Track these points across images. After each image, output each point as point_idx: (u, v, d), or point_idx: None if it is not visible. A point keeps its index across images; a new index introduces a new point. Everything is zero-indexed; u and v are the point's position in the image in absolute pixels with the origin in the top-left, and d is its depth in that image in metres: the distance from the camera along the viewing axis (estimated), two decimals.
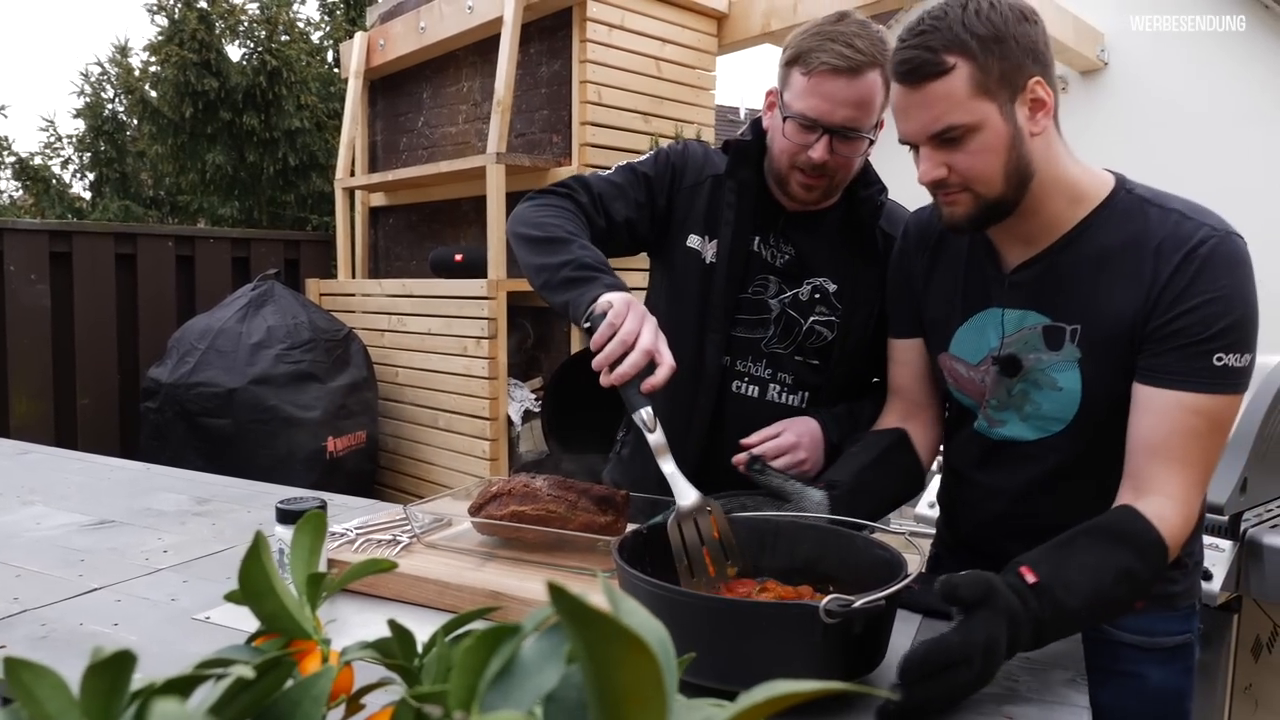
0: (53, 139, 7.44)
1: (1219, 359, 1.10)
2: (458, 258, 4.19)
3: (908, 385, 1.45)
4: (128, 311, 4.87)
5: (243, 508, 1.76)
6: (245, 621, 1.15)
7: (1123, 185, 1.23)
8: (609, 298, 1.27)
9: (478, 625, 0.50)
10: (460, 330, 4.06)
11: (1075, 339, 1.20)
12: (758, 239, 1.58)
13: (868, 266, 1.56)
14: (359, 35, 5.07)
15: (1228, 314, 1.10)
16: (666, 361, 1.21)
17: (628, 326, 1.21)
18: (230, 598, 0.50)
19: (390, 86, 5.11)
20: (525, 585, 1.20)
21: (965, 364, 1.33)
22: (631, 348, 1.20)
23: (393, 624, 0.46)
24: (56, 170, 7.45)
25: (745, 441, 1.46)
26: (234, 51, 6.83)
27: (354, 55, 5.03)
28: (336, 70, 7.30)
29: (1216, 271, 1.11)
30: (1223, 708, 2.02)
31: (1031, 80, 1.13)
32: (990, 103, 1.12)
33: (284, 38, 6.83)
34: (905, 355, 1.45)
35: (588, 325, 1.27)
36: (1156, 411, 1.13)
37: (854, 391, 1.62)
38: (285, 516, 1.15)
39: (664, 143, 4.07)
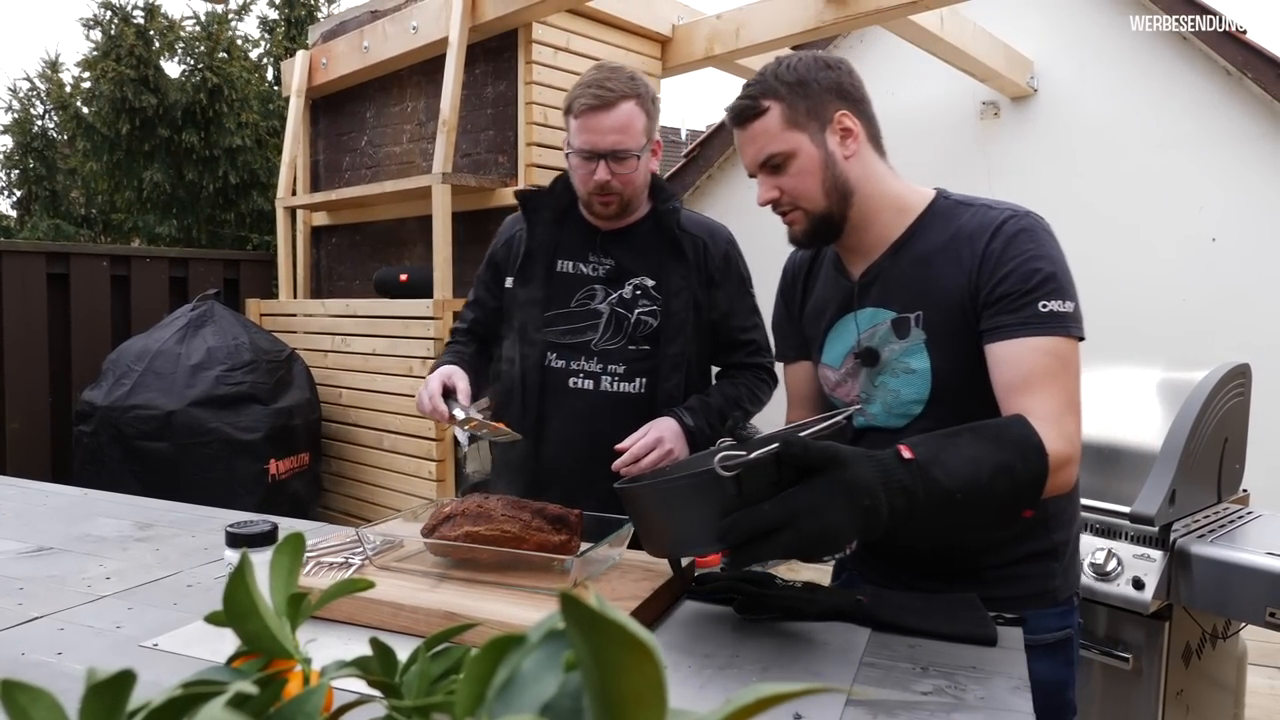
0: None
1: (1044, 305, 1.26)
2: (403, 277, 4.16)
3: (797, 400, 1.66)
4: (60, 333, 4.73)
5: (186, 532, 1.72)
6: (194, 648, 1.13)
7: (942, 195, 1.43)
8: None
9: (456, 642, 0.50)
10: (405, 350, 4.02)
11: (919, 323, 1.37)
12: (569, 261, 1.93)
13: (677, 262, 1.90)
14: (301, 53, 5.03)
15: (1039, 270, 1.27)
16: (446, 377, 1.78)
17: (423, 409, 1.77)
18: (212, 619, 0.50)
19: (333, 105, 5.07)
20: (480, 606, 1.20)
21: (832, 369, 1.50)
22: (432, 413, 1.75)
23: (374, 642, 0.46)
24: None
25: (619, 447, 1.79)
26: (172, 68, 6.72)
27: (296, 73, 4.98)
28: (277, 88, 7.22)
29: (1021, 241, 1.30)
30: (1155, 714, 2.08)
31: (838, 113, 1.36)
32: (801, 133, 1.35)
33: (223, 55, 6.73)
34: (791, 377, 1.67)
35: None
36: (1007, 360, 1.27)
37: (685, 370, 1.94)
38: (236, 540, 1.14)
39: None
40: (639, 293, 1.90)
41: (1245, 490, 2.47)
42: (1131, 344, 4.77)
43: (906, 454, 1.05)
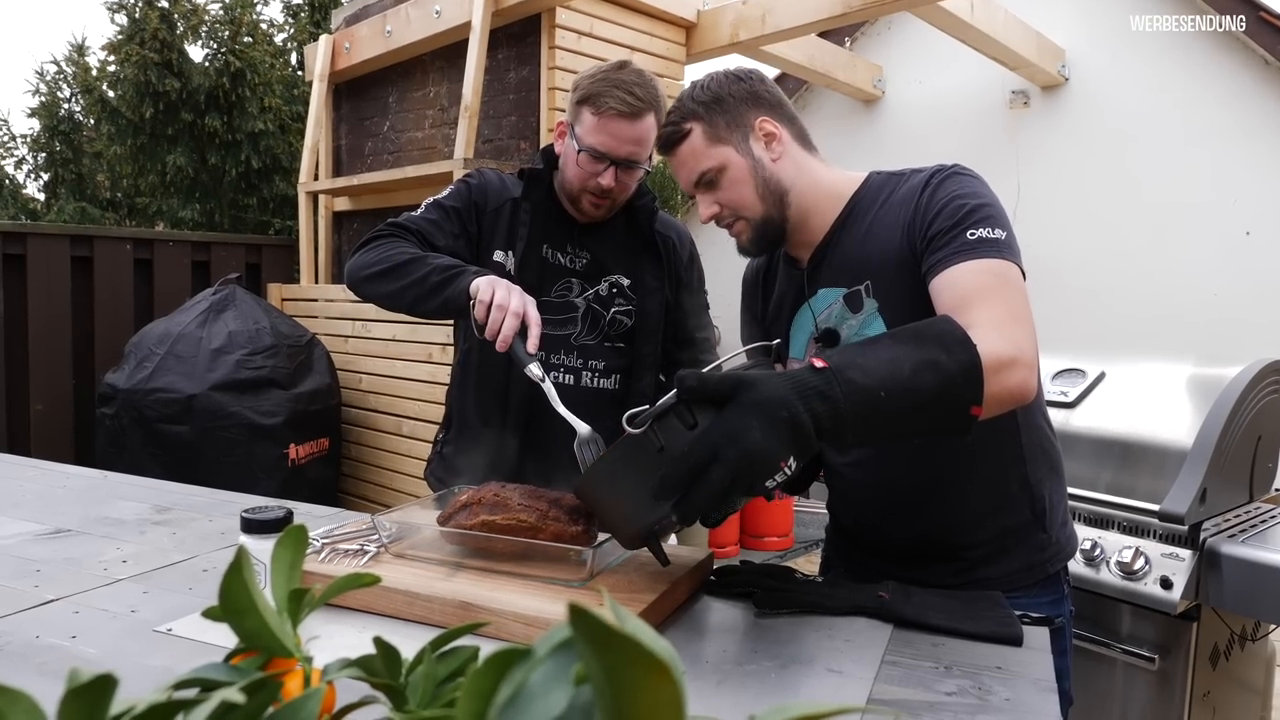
0: (6, 139, 7.29)
1: (972, 233, 1.27)
2: None
3: None
4: (83, 315, 4.76)
5: (204, 517, 1.72)
6: (208, 634, 1.13)
7: (875, 172, 1.46)
8: (478, 282, 1.53)
9: (466, 641, 0.48)
10: (425, 336, 4.02)
11: (870, 293, 1.38)
12: (550, 249, 1.85)
13: (651, 261, 1.89)
14: (324, 38, 5.02)
15: (965, 205, 1.29)
16: (535, 320, 1.51)
17: (498, 297, 1.49)
18: (209, 614, 0.48)
19: (355, 90, 5.07)
20: (495, 596, 1.18)
21: (799, 362, 1.49)
22: (506, 315, 1.48)
23: (378, 641, 0.44)
24: (10, 170, 7.31)
25: None
26: (196, 52, 6.74)
27: (319, 58, 4.98)
28: (300, 73, 7.23)
29: (947, 184, 1.33)
30: (1181, 715, 2.04)
31: (758, 120, 1.40)
32: (725, 146, 1.39)
33: (247, 39, 6.74)
34: None
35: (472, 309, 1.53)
36: (945, 288, 1.27)
37: (660, 369, 1.94)
38: (250, 526, 1.13)
39: None
40: (615, 291, 1.87)
41: (1278, 490, 2.42)
42: (1162, 338, 4.70)
43: (819, 364, 1.03)
